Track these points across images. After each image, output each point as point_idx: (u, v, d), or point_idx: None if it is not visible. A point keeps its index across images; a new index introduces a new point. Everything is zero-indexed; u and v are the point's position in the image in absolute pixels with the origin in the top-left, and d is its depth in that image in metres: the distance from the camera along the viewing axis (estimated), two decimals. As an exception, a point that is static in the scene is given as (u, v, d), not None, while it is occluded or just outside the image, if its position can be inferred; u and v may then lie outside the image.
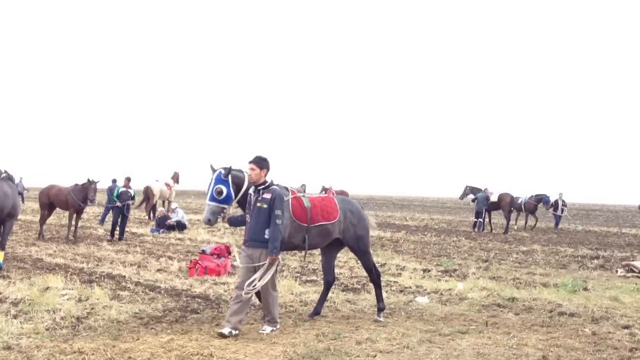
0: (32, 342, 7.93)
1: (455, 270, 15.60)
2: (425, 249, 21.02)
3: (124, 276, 13.21)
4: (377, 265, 10.84)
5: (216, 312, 10.01)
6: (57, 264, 14.88)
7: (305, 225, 9.13)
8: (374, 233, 18.82)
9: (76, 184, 20.72)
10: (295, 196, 9.26)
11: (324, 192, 48.29)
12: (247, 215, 8.72)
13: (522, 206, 32.88)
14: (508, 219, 30.93)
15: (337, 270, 14.67)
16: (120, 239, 21.01)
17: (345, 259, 17.01)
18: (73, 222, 20.75)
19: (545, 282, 14.00)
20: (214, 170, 8.90)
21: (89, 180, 20.58)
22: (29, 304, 10.03)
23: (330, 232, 9.47)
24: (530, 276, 15.04)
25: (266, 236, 8.45)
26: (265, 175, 8.73)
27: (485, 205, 30.32)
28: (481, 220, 30.41)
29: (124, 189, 22.19)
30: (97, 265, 14.91)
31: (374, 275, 10.12)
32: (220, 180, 8.76)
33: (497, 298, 11.76)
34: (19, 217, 29.47)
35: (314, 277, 13.74)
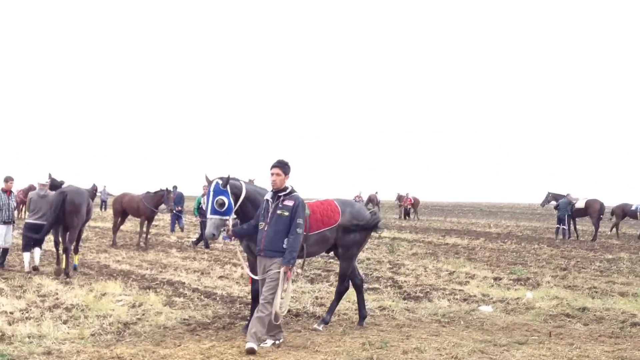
0: (74, 347, 7.87)
1: (528, 278, 14.88)
2: (502, 256, 20.24)
3: (184, 283, 13.13)
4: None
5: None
6: (122, 270, 14.96)
7: (305, 233, 8.63)
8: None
9: (147, 192, 20.93)
10: None
11: (398, 200, 47.81)
12: (263, 223, 8.10)
13: (637, 214, 31.02)
14: (597, 227, 29.53)
15: (402, 278, 14.28)
16: (196, 244, 21.11)
17: (413, 266, 16.55)
18: (144, 229, 20.97)
19: (625, 291, 13.15)
20: (209, 182, 8.45)
21: (167, 189, 20.80)
22: (82, 309, 10.02)
23: (329, 238, 9.10)
24: (610, 285, 14.16)
25: (284, 245, 7.93)
26: (286, 181, 8.24)
27: (567, 212, 29.04)
28: (564, 227, 29.15)
29: None
30: (161, 272, 14.91)
31: (343, 287, 9.65)
32: (219, 191, 8.28)
33: (566, 308, 11.09)
34: (98, 224, 30.24)
35: (376, 285, 13.31)
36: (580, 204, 29.59)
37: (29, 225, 14.19)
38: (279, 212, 7.95)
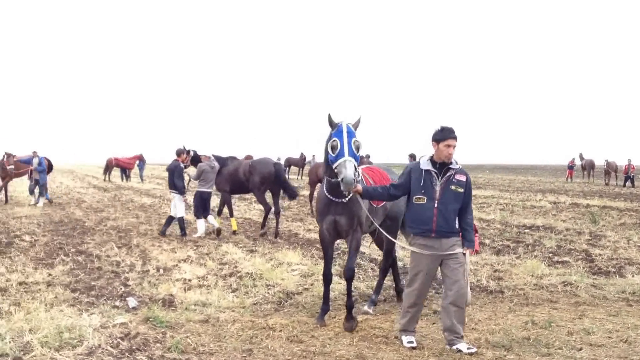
0: (232, 316, 8.01)
1: None
2: None
3: (364, 253, 13.00)
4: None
5: (433, 292, 9.36)
6: (309, 239, 15.13)
7: (375, 206, 7.79)
8: None
9: None
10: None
11: (607, 167, 44.57)
12: (424, 198, 6.75)
13: None
14: None
15: (597, 251, 13.27)
16: None
17: (615, 238, 15.28)
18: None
19: None
20: (333, 123, 7.13)
21: (362, 156, 20.85)
22: (254, 278, 10.21)
23: (386, 208, 8.13)
24: None
25: (457, 225, 6.87)
26: None
27: None
28: None
29: None
30: (348, 241, 14.84)
31: (389, 263, 8.86)
32: (353, 132, 7.07)
33: None
34: (304, 192, 31.05)
35: (566, 259, 12.38)
36: None
37: (201, 194, 15.35)
38: (452, 187, 6.75)
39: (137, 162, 46.34)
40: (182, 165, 15.25)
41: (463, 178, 6.85)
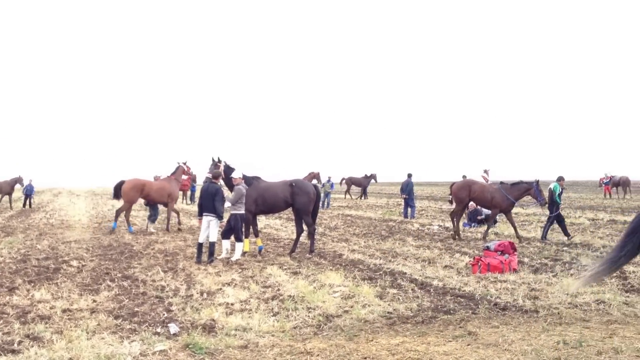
0: (271, 340, 8.20)
1: None
2: None
3: (405, 273, 13.14)
4: None
5: (470, 313, 9.50)
6: (352, 260, 15.31)
7: None
8: None
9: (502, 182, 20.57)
10: None
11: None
12: None
13: None
14: None
15: (631, 269, 13.14)
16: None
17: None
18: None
19: None
20: None
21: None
22: (296, 301, 10.40)
23: None
24: None
25: None
26: None
27: None
28: None
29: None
30: (390, 261, 15.01)
31: None
32: None
33: None
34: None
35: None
36: None
37: (241, 217, 15.59)
38: None
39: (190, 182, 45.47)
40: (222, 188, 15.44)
41: None
